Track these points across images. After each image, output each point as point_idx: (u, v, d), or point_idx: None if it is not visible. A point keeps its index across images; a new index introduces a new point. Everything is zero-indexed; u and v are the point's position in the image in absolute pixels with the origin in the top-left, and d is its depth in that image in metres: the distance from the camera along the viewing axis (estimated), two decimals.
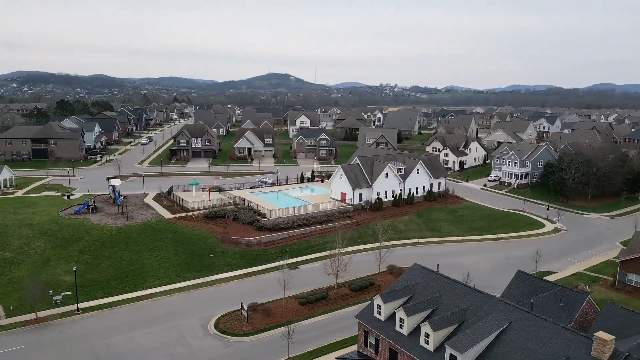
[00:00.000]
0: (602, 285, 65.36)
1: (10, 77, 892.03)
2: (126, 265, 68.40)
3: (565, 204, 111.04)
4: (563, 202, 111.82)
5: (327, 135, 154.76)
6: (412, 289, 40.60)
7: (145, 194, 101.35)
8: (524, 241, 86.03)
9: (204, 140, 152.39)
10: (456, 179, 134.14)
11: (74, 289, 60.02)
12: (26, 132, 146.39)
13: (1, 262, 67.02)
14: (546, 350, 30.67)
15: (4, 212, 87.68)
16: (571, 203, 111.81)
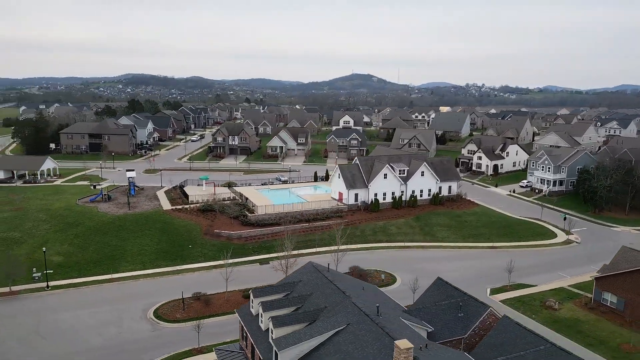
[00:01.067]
0: (576, 304, 59.44)
1: (117, 80, 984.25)
2: (110, 250, 74.21)
3: (596, 214, 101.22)
4: (595, 212, 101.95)
5: (357, 136, 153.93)
6: (291, 286, 40.55)
7: (162, 187, 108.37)
8: (522, 251, 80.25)
9: (240, 138, 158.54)
10: (486, 183, 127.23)
11: (57, 268, 66.87)
12: (85, 128, 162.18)
13: (8, 240, 75.86)
14: (360, 354, 29.65)
15: (35, 197, 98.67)
16: (605, 214, 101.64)
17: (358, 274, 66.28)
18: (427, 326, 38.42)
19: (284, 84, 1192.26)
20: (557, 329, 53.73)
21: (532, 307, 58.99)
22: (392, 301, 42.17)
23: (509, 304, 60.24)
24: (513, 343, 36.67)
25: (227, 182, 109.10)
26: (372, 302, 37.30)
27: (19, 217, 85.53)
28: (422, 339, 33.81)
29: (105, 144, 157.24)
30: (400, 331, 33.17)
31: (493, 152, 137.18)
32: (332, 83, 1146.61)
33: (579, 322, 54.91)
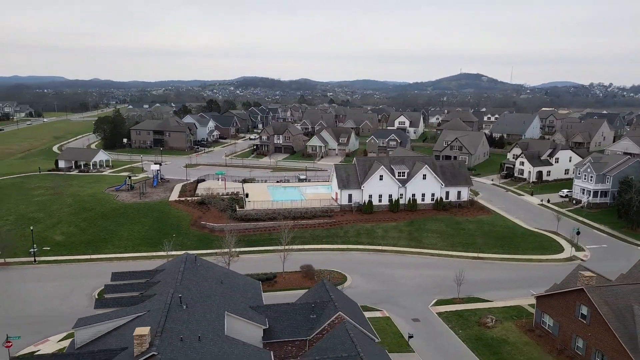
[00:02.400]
0: (518, 324, 53.65)
1: (230, 82, 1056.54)
2: (105, 233, 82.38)
3: (632, 231, 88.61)
4: (631, 229, 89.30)
5: (396, 137, 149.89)
6: (153, 274, 42.80)
7: (187, 180, 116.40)
8: (509, 264, 73.69)
9: (285, 137, 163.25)
10: (522, 190, 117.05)
11: (55, 246, 76.35)
12: (150, 125, 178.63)
13: (31, 219, 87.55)
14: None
15: (77, 184, 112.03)
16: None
17: (305, 272, 66.45)
18: (262, 324, 38.32)
19: (387, 84, 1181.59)
20: (474, 347, 49.40)
21: (466, 323, 54.57)
22: (249, 297, 42.44)
23: (445, 316, 56.36)
24: (333, 349, 35.31)
25: (243, 178, 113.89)
26: (206, 294, 38.36)
27: (52, 201, 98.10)
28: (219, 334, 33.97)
29: (166, 140, 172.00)
30: (201, 322, 33.97)
31: (538, 157, 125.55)
32: (437, 83, 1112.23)
33: (503, 344, 49.79)
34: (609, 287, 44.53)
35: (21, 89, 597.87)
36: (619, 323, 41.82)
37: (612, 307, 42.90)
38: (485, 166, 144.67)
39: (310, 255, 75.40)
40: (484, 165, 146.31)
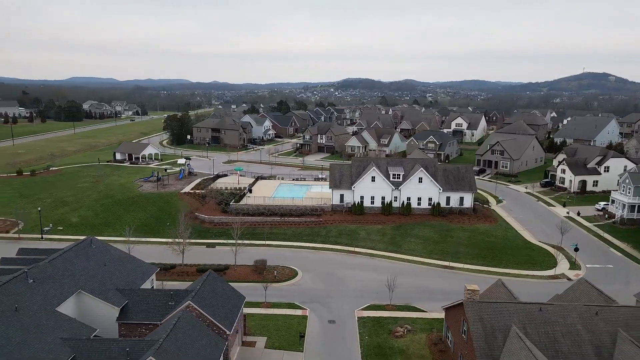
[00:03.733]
0: (429, 337, 50.25)
1: (330, 84, 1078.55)
2: (112, 218, 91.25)
3: None
4: None
5: (435, 139, 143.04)
6: (55, 252, 47.69)
7: (212, 175, 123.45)
8: (479, 277, 68.09)
9: (327, 137, 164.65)
10: (556, 201, 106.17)
11: (68, 227, 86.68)
12: (209, 124, 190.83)
13: (62, 201, 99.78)
14: None
15: (118, 175, 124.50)
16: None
17: (256, 266, 68.07)
18: (116, 305, 41.17)
19: (497, 85, 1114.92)
20: (366, 354, 47.74)
21: (379, 330, 52.48)
22: (128, 279, 45.46)
23: (363, 321, 54.67)
24: (160, 332, 37.07)
25: (259, 175, 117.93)
26: (70, 274, 42.23)
27: (88, 188, 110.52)
28: None
29: (221, 138, 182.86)
30: (35, 296, 37.77)
31: (584, 165, 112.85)
32: (554, 84, 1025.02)
33: (397, 355, 47.28)
34: (492, 304, 40.47)
35: (142, 90, 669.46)
36: (484, 343, 38.01)
37: (486, 325, 39.05)
38: (532, 173, 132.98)
39: (278, 251, 76.79)
40: (533, 172, 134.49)
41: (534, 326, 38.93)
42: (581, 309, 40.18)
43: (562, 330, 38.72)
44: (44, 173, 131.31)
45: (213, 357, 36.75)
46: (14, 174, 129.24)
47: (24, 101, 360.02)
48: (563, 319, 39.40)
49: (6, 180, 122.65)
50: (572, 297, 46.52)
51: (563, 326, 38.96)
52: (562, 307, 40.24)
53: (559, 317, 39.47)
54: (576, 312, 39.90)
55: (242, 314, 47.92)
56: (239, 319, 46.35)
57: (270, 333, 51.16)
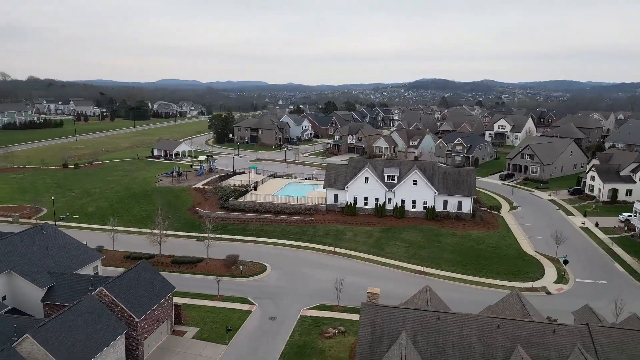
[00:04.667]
0: (357, 339, 49.07)
1: (401, 85, 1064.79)
2: (123, 210, 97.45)
3: None
4: None
5: (463, 141, 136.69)
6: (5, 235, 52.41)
7: (232, 172, 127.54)
8: (451, 284, 65.57)
9: (357, 138, 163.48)
10: (579, 210, 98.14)
11: (83, 215, 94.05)
12: (248, 123, 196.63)
13: (87, 193, 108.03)
14: None
15: (147, 169, 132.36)
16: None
17: (227, 260, 69.87)
18: (41, 287, 44.64)
19: (585, 85, 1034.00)
20: (286, 352, 47.71)
21: (312, 330, 52.17)
22: (63, 264, 48.92)
23: (302, 320, 54.59)
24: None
25: (271, 173, 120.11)
26: (8, 254, 46.38)
27: (115, 181, 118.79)
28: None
29: (259, 137, 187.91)
30: None
31: (617, 172, 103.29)
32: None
33: (314, 355, 46.82)
34: (388, 309, 39.01)
35: (213, 92, 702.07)
36: (367, 347, 36.87)
37: (376, 329, 37.82)
38: (567, 180, 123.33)
39: (259, 248, 78.30)
40: (568, 179, 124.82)
41: (426, 334, 37.08)
42: (483, 320, 37.63)
43: (454, 341, 36.54)
44: (87, 167, 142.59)
45: (105, 339, 38.82)
46: (60, 166, 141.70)
47: (102, 101, 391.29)
48: (459, 330, 37.14)
49: (51, 171, 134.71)
50: (499, 309, 43.61)
51: (457, 337, 36.73)
52: (462, 317, 37.92)
53: (456, 328, 37.26)
54: (477, 323, 37.43)
55: (170, 304, 49.79)
56: (165, 308, 48.31)
57: (205, 325, 52.62)
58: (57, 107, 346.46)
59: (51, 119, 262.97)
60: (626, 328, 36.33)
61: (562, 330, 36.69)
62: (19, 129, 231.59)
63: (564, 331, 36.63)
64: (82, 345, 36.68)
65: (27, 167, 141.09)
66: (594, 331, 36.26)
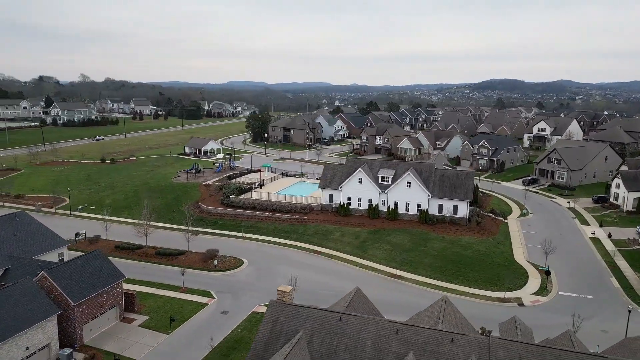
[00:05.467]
0: None
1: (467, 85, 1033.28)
2: (134, 203, 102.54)
3: None
4: None
5: (487, 143, 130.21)
6: None
7: (251, 169, 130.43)
8: (420, 289, 63.52)
9: (384, 139, 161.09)
10: (596, 219, 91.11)
11: (99, 207, 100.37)
12: (281, 123, 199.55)
13: (110, 186, 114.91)
14: None
15: (173, 165, 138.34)
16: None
17: (205, 254, 71.89)
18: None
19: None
20: (219, 343, 48.48)
21: (257, 326, 52.61)
22: (25, 249, 52.74)
23: (252, 315, 55.47)
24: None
25: (284, 172, 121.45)
26: None
27: (138, 175, 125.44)
28: None
29: (290, 136, 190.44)
30: None
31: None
32: None
33: (241, 349, 47.22)
34: (293, 307, 38.77)
35: (270, 93, 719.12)
36: (262, 345, 36.88)
37: (276, 327, 37.75)
38: (598, 187, 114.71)
39: (245, 244, 79.81)
40: (600, 186, 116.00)
41: (323, 335, 36.52)
42: (383, 325, 36.43)
43: (348, 343, 35.70)
44: (122, 162, 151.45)
45: (33, 320, 41.64)
46: (99, 161, 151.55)
47: (160, 101, 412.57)
48: (357, 333, 36.23)
49: (89, 166, 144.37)
50: (423, 316, 41.98)
51: (352, 340, 35.85)
52: (362, 320, 36.92)
53: (354, 330, 36.38)
54: (376, 327, 36.32)
55: (119, 292, 52.25)
56: (111, 295, 50.83)
57: (157, 314, 54.66)
58: (119, 106, 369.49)
59: (109, 117, 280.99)
60: (530, 343, 33.80)
61: (461, 340, 34.76)
62: (78, 125, 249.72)
63: (462, 341, 34.69)
64: (5, 324, 39.59)
65: (69, 161, 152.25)
66: (493, 344, 34.07)
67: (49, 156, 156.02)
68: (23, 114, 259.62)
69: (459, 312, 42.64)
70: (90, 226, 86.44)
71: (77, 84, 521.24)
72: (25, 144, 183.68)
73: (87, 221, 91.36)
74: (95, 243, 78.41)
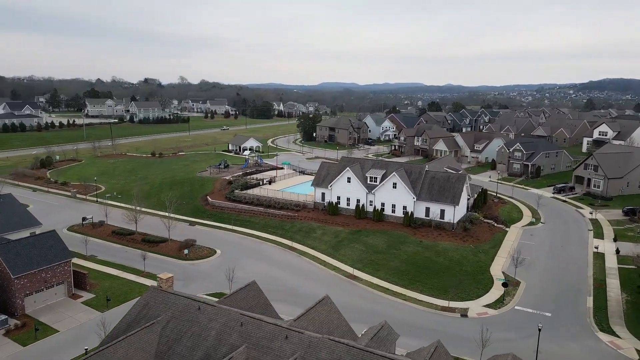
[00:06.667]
0: None
1: (570, 86, 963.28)
2: (154, 193, 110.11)
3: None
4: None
5: (522, 147, 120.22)
6: None
7: (278, 167, 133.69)
8: (370, 291, 61.98)
9: (422, 140, 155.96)
10: (616, 232, 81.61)
11: (126, 195, 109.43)
12: (328, 123, 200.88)
13: (143, 178, 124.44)
14: None
15: (207, 160, 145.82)
16: None
17: (182, 242, 75.91)
18: None
19: None
20: None
21: None
22: None
23: None
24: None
25: (301, 169, 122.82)
26: None
27: (173, 169, 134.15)
28: None
29: (335, 136, 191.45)
30: None
31: None
32: None
33: None
34: (166, 294, 40.48)
35: (350, 93, 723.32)
36: (125, 325, 39.09)
37: (144, 310, 39.81)
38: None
39: (229, 236, 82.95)
40: None
41: (178, 322, 37.78)
42: (233, 316, 36.82)
43: (195, 331, 36.63)
44: (169, 156, 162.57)
45: None
46: (149, 155, 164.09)
47: (237, 101, 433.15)
48: (207, 322, 36.98)
49: (138, 159, 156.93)
50: (312, 313, 41.49)
51: (200, 328, 36.70)
52: (217, 311, 37.53)
53: (205, 319, 37.18)
54: (226, 318, 36.81)
55: (67, 270, 57.35)
56: (58, 273, 56.06)
57: (104, 293, 59.05)
58: (197, 105, 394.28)
59: (182, 115, 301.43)
60: (354, 346, 32.38)
61: (295, 337, 34.23)
62: (152, 123, 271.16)
63: (296, 339, 34.16)
64: None
65: (125, 154, 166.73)
66: (321, 344, 33.20)
67: (110, 150, 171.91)
68: (107, 112, 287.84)
69: (341, 316, 41.54)
70: (109, 212, 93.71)
71: (175, 85, 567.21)
72: (100, 138, 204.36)
73: (109, 208, 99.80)
74: (99, 227, 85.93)
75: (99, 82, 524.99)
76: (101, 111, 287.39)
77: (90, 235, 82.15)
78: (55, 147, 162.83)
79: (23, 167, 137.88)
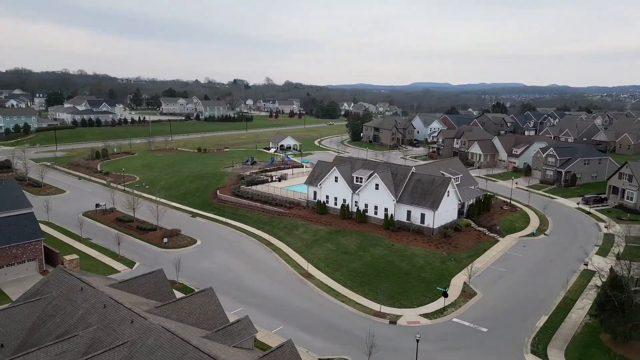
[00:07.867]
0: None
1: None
2: (176, 185, 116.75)
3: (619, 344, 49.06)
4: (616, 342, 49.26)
5: (555, 153, 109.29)
6: None
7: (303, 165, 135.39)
8: (312, 290, 61.69)
9: (461, 142, 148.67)
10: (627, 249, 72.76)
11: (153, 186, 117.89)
12: (373, 123, 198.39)
13: (176, 171, 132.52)
14: None
15: (242, 157, 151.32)
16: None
17: (167, 231, 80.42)
18: None
19: None
20: None
21: None
22: None
23: None
24: None
25: None
26: None
27: (207, 164, 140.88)
28: None
29: (379, 136, 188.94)
30: None
31: None
32: None
33: None
34: (66, 274, 43.95)
35: (430, 93, 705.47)
36: (23, 299, 43.07)
37: (43, 287, 43.60)
38: None
39: (218, 227, 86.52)
40: None
41: (62, 300, 40.91)
42: (100, 298, 39.26)
43: (67, 309, 39.58)
44: (212, 152, 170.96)
45: None
46: (195, 150, 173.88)
47: (307, 101, 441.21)
48: (82, 302, 39.71)
49: (184, 154, 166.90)
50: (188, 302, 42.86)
51: (73, 307, 39.59)
52: (93, 292, 40.22)
53: (81, 300, 40.01)
54: (95, 300, 39.40)
55: (39, 248, 63.57)
56: (29, 250, 62.49)
57: None
58: (266, 105, 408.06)
59: (247, 114, 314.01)
60: (177, 335, 33.11)
61: (139, 323, 35.69)
62: (217, 121, 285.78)
63: (138, 324, 35.62)
64: None
65: (175, 149, 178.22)
66: (153, 331, 34.41)
67: (163, 145, 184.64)
68: (179, 110, 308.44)
69: (220, 307, 42.29)
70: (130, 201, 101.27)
71: (260, 86, 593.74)
72: (164, 133, 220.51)
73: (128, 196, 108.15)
74: (109, 213, 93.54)
75: (196, 84, 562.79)
76: (174, 109, 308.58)
77: (99, 220, 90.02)
78: (111, 142, 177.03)
79: (80, 158, 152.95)
